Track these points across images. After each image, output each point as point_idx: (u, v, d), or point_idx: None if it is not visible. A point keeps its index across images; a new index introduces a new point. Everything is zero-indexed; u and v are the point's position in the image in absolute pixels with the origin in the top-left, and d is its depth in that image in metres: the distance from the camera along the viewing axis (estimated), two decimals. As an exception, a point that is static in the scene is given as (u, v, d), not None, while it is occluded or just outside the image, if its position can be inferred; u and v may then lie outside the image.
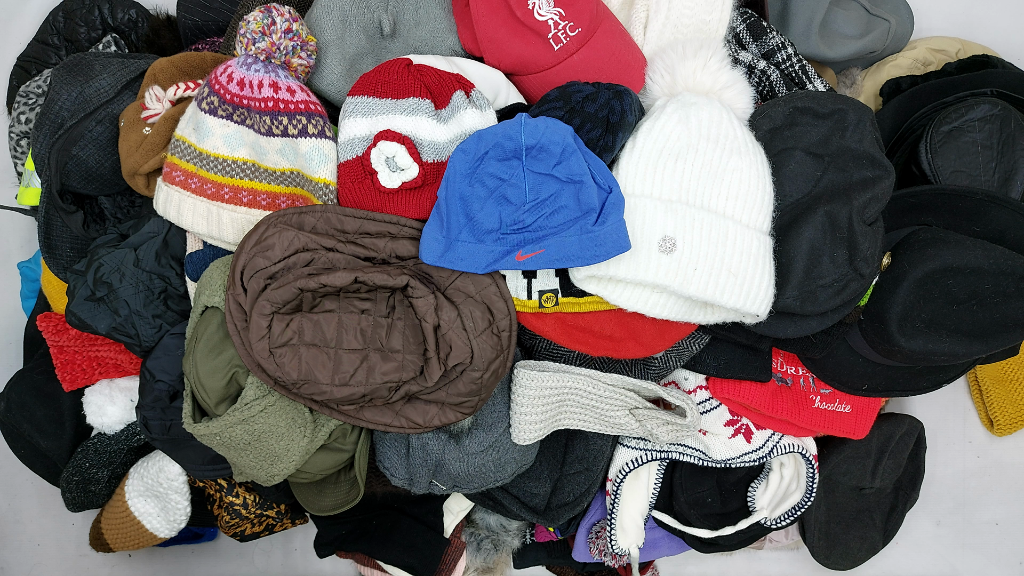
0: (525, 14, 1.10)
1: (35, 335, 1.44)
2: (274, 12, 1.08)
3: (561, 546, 1.49)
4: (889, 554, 1.56)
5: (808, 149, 1.11)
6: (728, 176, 1.05)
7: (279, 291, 1.01)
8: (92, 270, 1.21)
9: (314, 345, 1.04)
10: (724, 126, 1.06)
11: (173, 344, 1.24)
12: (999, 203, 1.13)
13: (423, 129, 1.08)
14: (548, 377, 1.12)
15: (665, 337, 1.12)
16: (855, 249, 1.05)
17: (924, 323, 1.11)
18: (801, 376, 1.29)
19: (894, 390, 1.25)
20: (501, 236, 1.01)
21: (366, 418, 1.11)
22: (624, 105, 1.05)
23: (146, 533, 1.43)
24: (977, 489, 1.56)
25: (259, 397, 1.10)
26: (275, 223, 1.06)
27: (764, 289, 1.03)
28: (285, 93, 1.07)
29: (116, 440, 1.40)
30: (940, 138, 1.22)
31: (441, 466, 1.17)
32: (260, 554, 1.63)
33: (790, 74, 1.24)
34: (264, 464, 1.15)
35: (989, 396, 1.49)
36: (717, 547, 1.40)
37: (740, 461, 1.29)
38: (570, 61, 1.13)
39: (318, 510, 1.28)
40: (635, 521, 1.34)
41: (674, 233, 1.02)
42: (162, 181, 1.15)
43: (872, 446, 1.39)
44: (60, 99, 1.21)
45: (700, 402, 1.28)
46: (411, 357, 1.05)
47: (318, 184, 1.10)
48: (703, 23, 1.18)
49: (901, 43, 1.44)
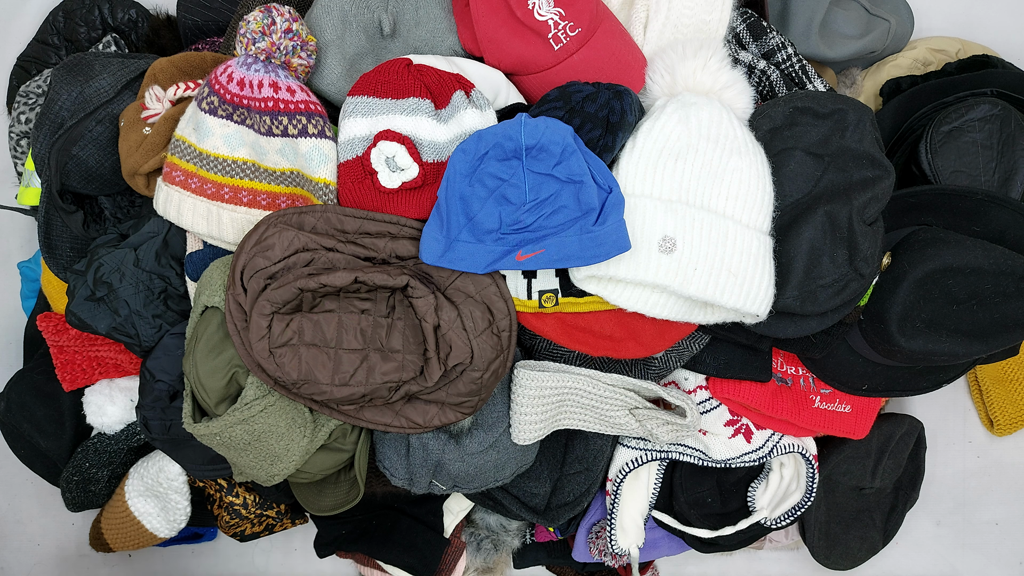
0: (525, 14, 1.10)
1: (35, 335, 1.44)
2: (274, 12, 1.08)
3: (561, 546, 1.49)
4: (889, 554, 1.56)
5: (808, 149, 1.11)
6: (728, 176, 1.05)
7: (279, 291, 1.01)
8: (92, 270, 1.21)
9: (314, 345, 1.04)
10: (724, 126, 1.06)
11: (173, 344, 1.24)
12: (999, 203, 1.13)
13: (423, 129, 1.08)
14: (548, 377, 1.12)
15: (665, 337, 1.12)
16: (855, 249, 1.05)
17: (924, 323, 1.11)
18: (801, 376, 1.29)
19: (894, 390, 1.25)
20: (501, 236, 1.01)
21: (366, 418, 1.11)
22: (624, 105, 1.05)
23: (146, 533, 1.43)
24: (977, 489, 1.56)
25: (259, 397, 1.10)
26: (275, 223, 1.06)
27: (764, 289, 1.03)
28: (285, 93, 1.07)
29: (116, 440, 1.40)
30: (940, 138, 1.22)
31: (441, 466, 1.17)
32: (260, 554, 1.63)
33: (790, 74, 1.24)
34: (264, 464, 1.15)
35: (989, 396, 1.49)
36: (717, 547, 1.40)
37: (740, 461, 1.29)
38: (570, 61, 1.13)
39: (318, 510, 1.28)
40: (635, 521, 1.34)
41: (674, 233, 1.02)
42: (162, 181, 1.15)
43: (872, 446, 1.39)
44: (60, 99, 1.21)
45: (700, 402, 1.28)
46: (411, 357, 1.05)
47: (318, 184, 1.10)
48: (703, 23, 1.18)
49: (901, 43, 1.44)
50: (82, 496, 1.43)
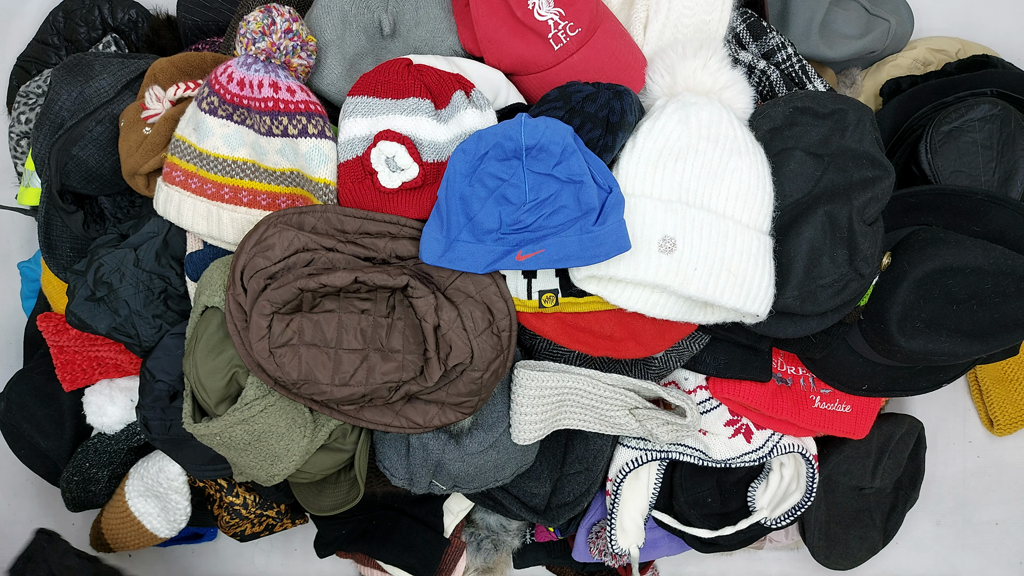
0: (525, 14, 1.10)
1: (35, 335, 1.44)
2: (274, 12, 1.08)
3: (561, 546, 1.49)
4: (889, 554, 1.56)
5: (808, 149, 1.11)
6: (728, 176, 1.05)
7: (279, 291, 1.01)
8: (92, 270, 1.21)
9: (314, 345, 1.04)
10: (724, 126, 1.06)
11: (173, 344, 1.24)
12: (999, 203, 1.13)
13: (423, 129, 1.08)
14: (548, 377, 1.12)
15: (665, 337, 1.12)
16: (855, 249, 1.05)
17: (924, 323, 1.11)
18: (801, 376, 1.28)
19: (894, 390, 1.25)
20: (501, 236, 1.01)
21: (366, 418, 1.11)
22: (624, 105, 1.05)
23: (146, 533, 1.43)
24: (977, 489, 1.56)
25: (259, 397, 1.10)
26: (275, 223, 1.06)
27: (764, 289, 1.03)
28: (285, 93, 1.07)
29: (116, 440, 1.40)
30: (940, 138, 1.22)
31: (441, 466, 1.17)
32: (260, 554, 1.63)
33: (790, 74, 1.24)
34: (264, 464, 1.15)
35: (989, 396, 1.49)
36: (717, 547, 1.40)
37: (740, 461, 1.29)
38: (570, 61, 1.13)
39: (318, 510, 1.28)
40: (635, 521, 1.34)
41: (674, 233, 1.02)
42: (162, 181, 1.15)
43: (872, 446, 1.39)
44: (60, 99, 1.21)
45: (700, 402, 1.28)
46: (411, 357, 1.05)
47: (318, 184, 1.10)
48: (703, 23, 1.18)
49: (901, 43, 1.44)
50: (82, 496, 1.43)
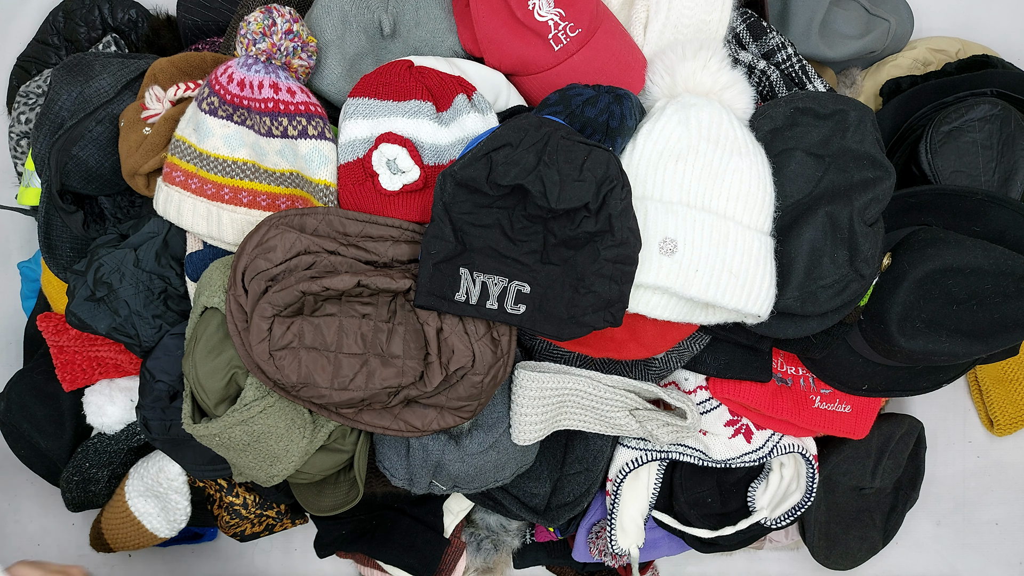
0: (525, 15, 1.10)
1: (35, 335, 1.44)
2: (275, 13, 1.07)
3: (561, 546, 1.49)
4: (889, 554, 1.56)
5: (809, 150, 1.11)
6: (729, 177, 1.05)
7: (281, 294, 1.01)
8: (92, 270, 1.21)
9: (314, 349, 1.03)
10: (724, 127, 1.06)
11: (173, 344, 1.24)
12: (999, 203, 1.13)
13: (424, 132, 1.08)
14: (548, 378, 1.12)
15: (666, 338, 1.12)
16: (856, 250, 1.05)
17: (924, 323, 1.11)
18: (801, 376, 1.29)
19: (894, 390, 1.26)
20: (501, 237, 1.01)
21: (365, 421, 1.11)
22: (624, 110, 1.05)
23: (146, 533, 1.43)
24: (977, 489, 1.56)
25: (258, 398, 1.10)
26: (277, 224, 1.06)
27: (765, 290, 1.03)
28: (285, 94, 1.07)
29: (116, 440, 1.40)
30: (940, 138, 1.22)
31: (441, 466, 1.17)
32: (260, 554, 1.63)
33: (790, 74, 1.24)
34: (264, 465, 1.15)
35: (989, 396, 1.50)
36: (717, 547, 1.40)
37: (740, 461, 1.29)
38: (570, 62, 1.13)
39: (318, 510, 1.28)
40: (635, 521, 1.34)
41: (675, 235, 1.02)
42: (162, 181, 1.15)
43: (872, 446, 1.39)
44: (60, 99, 1.21)
45: (700, 402, 1.28)
46: (411, 363, 1.05)
47: (318, 186, 1.10)
48: (703, 23, 1.17)
49: (901, 43, 1.44)
50: (82, 496, 1.43)
